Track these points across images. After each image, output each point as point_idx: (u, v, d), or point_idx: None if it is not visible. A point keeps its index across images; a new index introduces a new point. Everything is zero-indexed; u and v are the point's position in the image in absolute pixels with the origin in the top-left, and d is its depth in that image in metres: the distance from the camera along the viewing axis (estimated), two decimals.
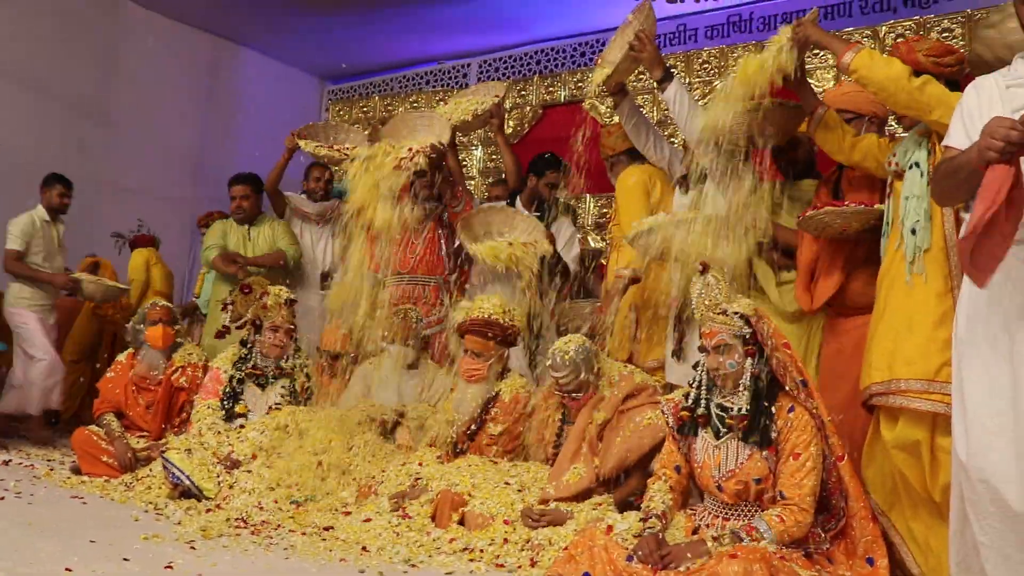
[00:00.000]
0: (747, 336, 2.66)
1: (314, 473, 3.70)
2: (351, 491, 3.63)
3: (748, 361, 2.66)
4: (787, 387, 2.67)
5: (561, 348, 3.37)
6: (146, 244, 6.55)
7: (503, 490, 3.26)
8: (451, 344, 3.95)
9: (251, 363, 4.27)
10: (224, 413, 4.13)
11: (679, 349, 3.69)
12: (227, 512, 3.45)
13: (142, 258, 6.41)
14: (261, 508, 3.49)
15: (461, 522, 3.20)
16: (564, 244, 4.46)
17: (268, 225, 5.42)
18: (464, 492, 3.28)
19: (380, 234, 4.32)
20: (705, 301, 2.73)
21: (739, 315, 2.68)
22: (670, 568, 2.42)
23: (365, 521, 3.27)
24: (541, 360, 3.99)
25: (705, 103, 5.47)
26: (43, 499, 3.64)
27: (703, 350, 2.74)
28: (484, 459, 3.56)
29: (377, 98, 8.11)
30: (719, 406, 2.70)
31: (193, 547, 2.96)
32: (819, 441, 2.61)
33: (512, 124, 6.95)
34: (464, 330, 3.78)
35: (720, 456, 2.66)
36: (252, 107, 8.31)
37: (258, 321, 4.31)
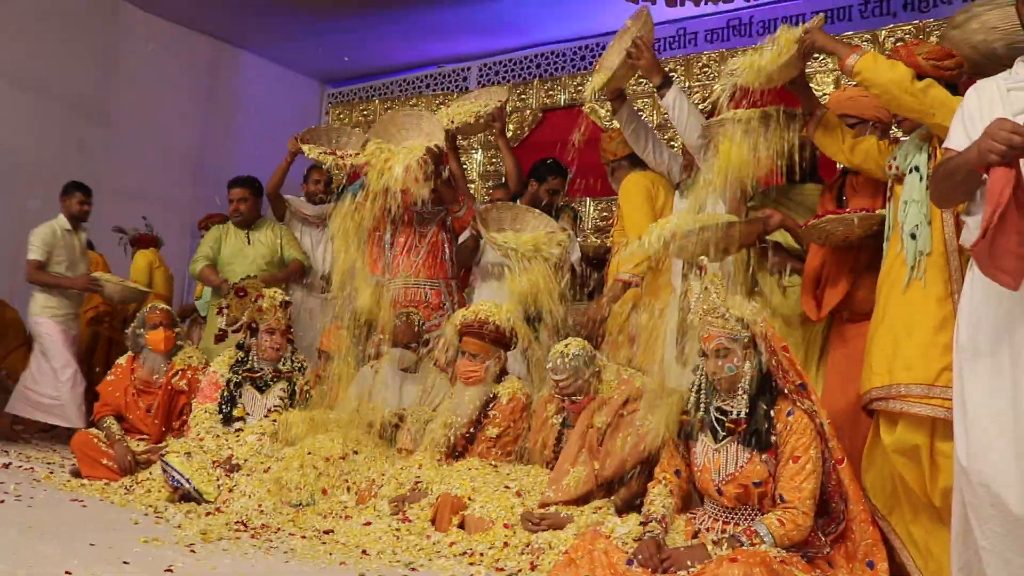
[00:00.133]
0: (746, 340, 2.66)
1: (314, 477, 3.70)
2: (351, 495, 3.63)
3: (747, 365, 2.66)
4: (786, 390, 2.68)
5: (561, 351, 3.37)
6: (149, 244, 6.53)
7: (503, 494, 3.26)
8: (448, 350, 3.93)
9: (248, 366, 4.27)
10: (222, 417, 4.13)
11: (679, 353, 3.68)
12: (227, 515, 3.45)
13: (145, 261, 6.39)
14: (261, 511, 3.49)
15: (461, 526, 3.19)
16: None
17: (268, 228, 5.40)
18: (464, 496, 3.28)
19: (381, 235, 4.31)
20: (704, 305, 2.73)
21: (738, 319, 2.68)
22: (670, 572, 2.43)
23: (365, 524, 3.27)
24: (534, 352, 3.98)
25: (704, 108, 5.47)
26: (43, 502, 3.64)
27: (702, 354, 2.74)
28: (484, 462, 3.56)
29: (377, 101, 8.11)
30: (718, 410, 2.70)
31: (193, 550, 2.96)
32: (818, 444, 2.61)
33: (512, 128, 6.95)
34: (461, 332, 3.79)
35: (720, 460, 2.67)
36: (252, 109, 8.33)
37: (254, 324, 4.30)
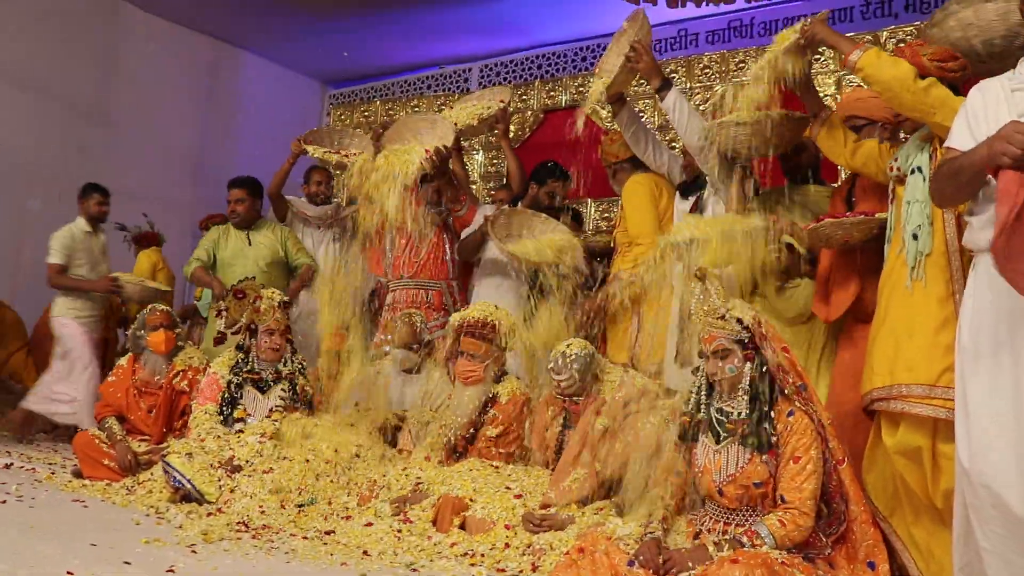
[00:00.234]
0: (746, 341, 2.66)
1: (316, 477, 3.70)
2: (352, 495, 3.63)
3: (747, 366, 2.65)
4: (786, 391, 2.68)
5: (563, 351, 3.37)
6: (151, 242, 6.52)
7: (504, 495, 3.26)
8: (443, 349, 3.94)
9: (249, 367, 4.27)
10: (222, 418, 4.13)
11: (679, 354, 3.69)
12: (228, 516, 3.45)
13: (149, 262, 6.38)
14: (263, 512, 3.49)
15: (462, 526, 3.20)
16: None
17: (268, 229, 5.38)
18: (465, 497, 3.28)
19: (386, 235, 4.32)
20: (704, 306, 2.73)
21: (738, 320, 2.68)
22: (671, 573, 2.42)
23: (366, 525, 3.27)
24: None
25: (704, 110, 5.47)
26: (44, 502, 3.64)
27: (702, 355, 2.74)
28: (485, 463, 3.56)
29: (379, 102, 8.11)
30: (719, 411, 2.70)
31: (194, 551, 2.96)
32: (819, 445, 2.61)
33: (513, 128, 6.95)
34: (460, 332, 3.79)
35: (720, 460, 2.66)
36: (252, 109, 8.33)
37: (253, 325, 4.30)
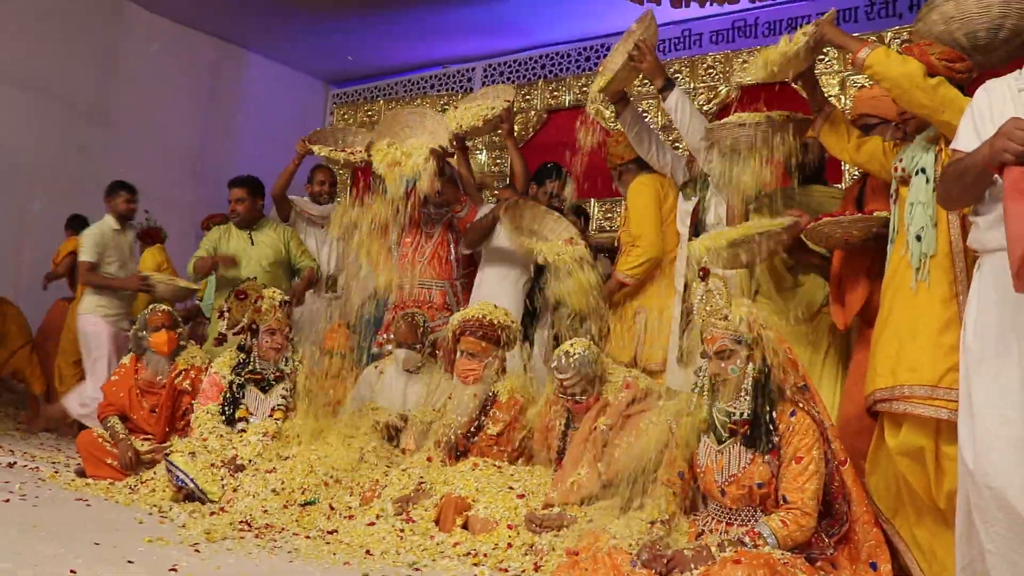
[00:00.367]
0: (749, 341, 2.66)
1: (318, 477, 3.70)
2: (355, 495, 3.62)
3: (750, 366, 2.65)
4: (788, 392, 2.67)
5: (566, 350, 3.37)
6: (155, 239, 6.51)
7: (507, 495, 3.27)
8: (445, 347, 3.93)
9: (251, 367, 4.27)
10: (224, 418, 4.13)
11: (682, 354, 3.69)
12: (231, 515, 3.45)
13: (154, 262, 6.34)
14: (265, 511, 3.49)
15: (465, 526, 3.20)
16: None
17: (271, 229, 5.36)
18: (468, 496, 3.29)
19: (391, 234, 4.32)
20: (707, 307, 2.73)
21: (741, 320, 2.67)
22: (674, 573, 2.42)
23: (369, 525, 3.28)
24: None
25: (707, 110, 5.46)
26: (47, 501, 3.64)
27: (705, 355, 2.74)
28: (487, 463, 3.56)
29: (382, 102, 8.10)
30: (721, 411, 2.70)
31: (197, 550, 2.96)
32: (821, 445, 2.61)
33: (516, 128, 6.91)
34: (460, 332, 3.79)
35: (723, 461, 2.67)
36: (253, 109, 8.33)
37: (254, 325, 4.31)
